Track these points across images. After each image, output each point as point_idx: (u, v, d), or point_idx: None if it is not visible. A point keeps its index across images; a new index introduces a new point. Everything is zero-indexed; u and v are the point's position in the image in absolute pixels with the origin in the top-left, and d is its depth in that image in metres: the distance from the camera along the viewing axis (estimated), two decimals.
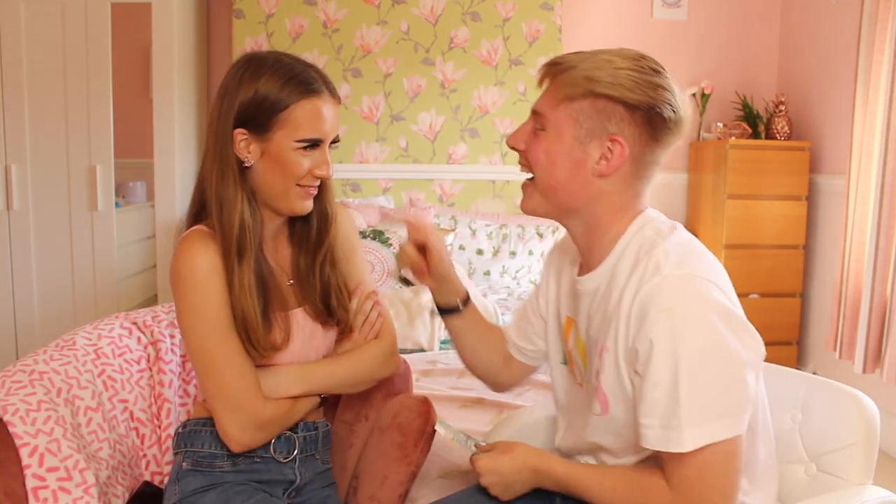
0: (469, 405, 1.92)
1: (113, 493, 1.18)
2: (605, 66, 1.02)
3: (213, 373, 1.15)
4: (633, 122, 1.03)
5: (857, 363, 2.94)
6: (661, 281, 0.99)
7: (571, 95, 1.04)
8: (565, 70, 1.05)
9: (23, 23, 3.23)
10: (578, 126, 1.04)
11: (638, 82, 1.02)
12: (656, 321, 0.96)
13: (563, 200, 1.09)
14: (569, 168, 1.06)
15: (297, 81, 1.13)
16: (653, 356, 0.97)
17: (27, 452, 1.08)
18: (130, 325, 1.40)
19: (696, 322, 0.96)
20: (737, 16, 3.95)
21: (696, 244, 1.07)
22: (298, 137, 1.13)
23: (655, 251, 1.02)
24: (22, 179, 3.31)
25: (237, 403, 1.15)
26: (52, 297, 3.39)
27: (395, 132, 3.79)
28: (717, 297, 0.99)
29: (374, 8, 3.72)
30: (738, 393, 0.98)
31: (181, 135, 3.49)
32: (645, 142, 1.05)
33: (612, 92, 1.02)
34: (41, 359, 1.22)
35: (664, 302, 0.97)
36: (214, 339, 1.14)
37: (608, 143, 1.04)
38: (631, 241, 1.07)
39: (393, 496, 1.30)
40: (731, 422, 0.96)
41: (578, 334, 1.18)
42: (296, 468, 1.26)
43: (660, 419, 0.97)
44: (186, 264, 1.14)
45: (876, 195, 2.88)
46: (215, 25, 3.87)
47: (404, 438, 1.33)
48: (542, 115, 1.08)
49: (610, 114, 1.03)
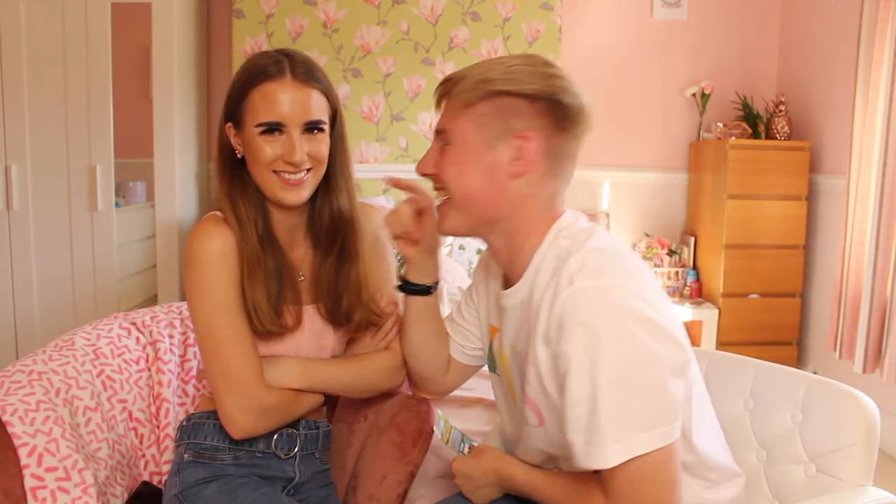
0: (469, 405, 1.92)
1: (112, 492, 1.18)
2: (496, 67, 1.03)
3: (218, 354, 1.15)
4: (537, 115, 1.01)
5: (857, 363, 2.94)
6: (574, 293, 0.96)
7: (469, 101, 1.03)
8: (458, 81, 1.04)
9: (23, 23, 3.23)
10: (483, 130, 1.03)
11: (532, 73, 1.01)
12: (572, 336, 0.94)
13: (482, 211, 1.07)
14: (482, 175, 1.04)
15: (254, 70, 1.17)
16: (571, 372, 0.94)
17: (26, 452, 1.08)
18: (129, 326, 1.40)
19: (612, 333, 0.93)
20: (737, 16, 3.95)
21: (613, 249, 1.03)
22: (256, 122, 1.15)
23: (569, 262, 0.99)
24: (22, 179, 3.31)
25: (241, 386, 1.15)
26: (52, 297, 3.39)
27: (395, 132, 3.79)
28: (633, 305, 0.95)
29: (374, 8, 3.72)
30: (664, 402, 0.94)
31: (181, 135, 3.49)
32: (552, 132, 1.03)
33: (508, 87, 1.01)
34: (40, 359, 1.22)
35: (579, 315, 0.94)
36: (220, 320, 1.15)
37: (517, 142, 1.02)
38: (547, 252, 1.05)
39: (392, 496, 1.30)
40: (658, 432, 0.92)
41: (502, 346, 1.16)
42: (296, 465, 1.27)
43: (583, 435, 0.94)
44: (197, 246, 1.16)
45: (876, 195, 2.88)
46: (215, 25, 3.87)
47: (403, 438, 1.33)
48: (445, 130, 1.06)
49: (511, 109, 1.01)
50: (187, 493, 1.19)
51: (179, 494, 1.19)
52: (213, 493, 1.18)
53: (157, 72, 3.39)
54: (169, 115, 3.40)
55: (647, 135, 4.00)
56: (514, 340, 1.12)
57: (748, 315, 3.57)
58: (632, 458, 0.91)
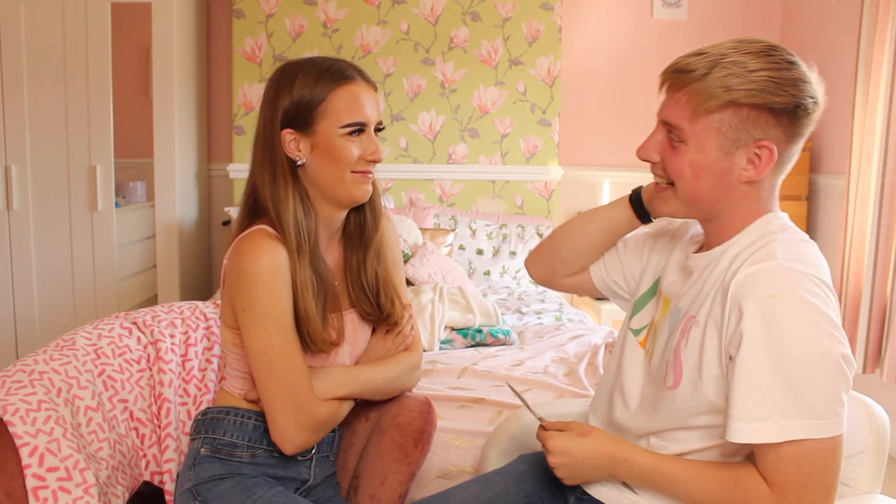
0: (469, 405, 1.92)
1: (113, 492, 1.18)
2: (739, 72, 0.99)
3: (273, 372, 1.15)
4: (779, 124, 1.01)
5: (858, 363, 2.94)
6: (773, 266, 0.97)
7: (710, 108, 1.01)
8: (698, 79, 1.01)
9: (23, 23, 3.23)
10: (723, 137, 1.02)
11: (779, 83, 0.99)
12: (760, 306, 0.94)
13: (705, 208, 1.08)
14: (714, 179, 1.05)
15: (329, 73, 1.18)
16: (750, 341, 0.94)
17: (27, 452, 1.08)
18: (130, 325, 1.40)
19: (803, 315, 0.93)
20: (737, 16, 3.95)
21: (819, 254, 1.04)
22: (341, 124, 1.17)
23: (774, 241, 1.01)
24: (22, 179, 3.31)
25: (296, 403, 1.16)
26: (52, 297, 3.39)
27: (395, 132, 3.79)
28: (826, 304, 0.95)
29: (374, 8, 3.72)
30: (839, 391, 0.93)
31: (181, 135, 3.49)
32: (789, 137, 1.03)
33: (755, 100, 0.99)
34: (41, 359, 1.22)
35: (773, 287, 0.95)
36: (280, 339, 1.15)
37: (755, 150, 1.02)
38: (754, 228, 1.06)
39: (393, 496, 1.30)
40: (834, 420, 0.92)
41: (664, 303, 1.17)
42: (311, 468, 1.28)
43: (755, 409, 0.93)
44: (253, 264, 1.14)
45: (876, 195, 2.88)
46: (215, 25, 3.87)
47: (404, 438, 1.33)
48: (680, 128, 1.04)
49: (755, 121, 1.00)
50: (201, 488, 1.19)
51: (193, 489, 1.19)
52: (227, 489, 1.18)
53: (157, 72, 3.39)
54: (169, 115, 3.41)
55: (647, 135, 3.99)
56: (682, 299, 1.11)
57: None
58: (806, 438, 0.92)
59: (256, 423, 1.23)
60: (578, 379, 2.13)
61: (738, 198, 1.06)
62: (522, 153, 3.85)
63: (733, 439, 0.96)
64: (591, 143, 4.02)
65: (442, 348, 2.44)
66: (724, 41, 1.04)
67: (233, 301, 1.18)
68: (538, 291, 3.34)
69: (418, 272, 3.01)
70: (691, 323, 1.05)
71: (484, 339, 2.48)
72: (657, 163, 1.10)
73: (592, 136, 4.01)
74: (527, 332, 2.66)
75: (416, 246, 3.24)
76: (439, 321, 2.46)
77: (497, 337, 2.49)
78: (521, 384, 2.06)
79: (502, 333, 2.50)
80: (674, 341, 1.09)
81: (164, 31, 3.35)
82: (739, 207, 1.07)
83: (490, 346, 2.46)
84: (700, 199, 1.07)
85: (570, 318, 2.86)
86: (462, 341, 2.47)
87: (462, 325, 2.51)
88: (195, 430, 1.27)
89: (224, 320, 1.24)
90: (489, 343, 2.48)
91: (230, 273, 1.18)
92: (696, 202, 1.08)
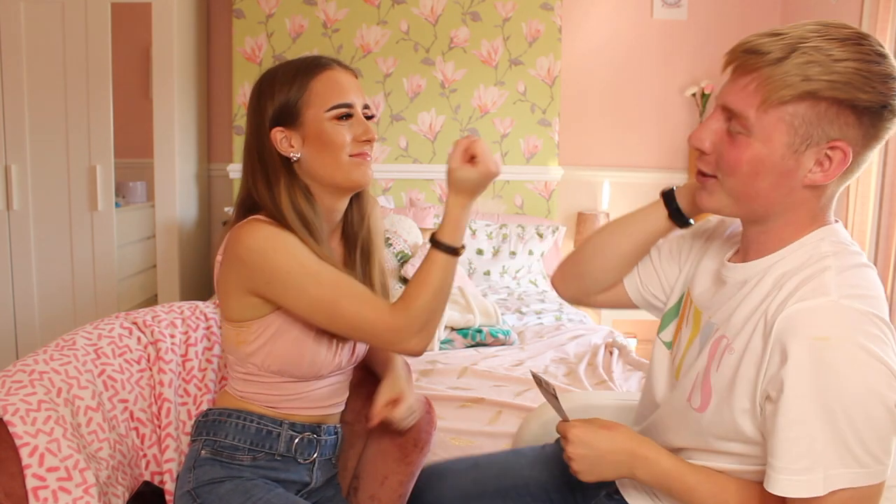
0: (468, 405, 1.92)
1: (113, 492, 1.18)
2: (821, 60, 0.86)
3: (335, 312, 1.12)
4: (859, 125, 0.88)
5: None
6: (826, 303, 0.86)
7: (783, 98, 0.88)
8: (772, 63, 0.88)
9: (23, 23, 3.23)
10: (793, 133, 0.89)
11: (867, 77, 0.86)
12: (809, 350, 0.84)
13: (758, 208, 0.96)
14: (775, 179, 0.92)
15: (304, 67, 1.19)
16: (793, 386, 0.85)
17: (27, 452, 1.07)
18: (130, 325, 1.40)
19: (856, 359, 0.83)
20: (737, 16, 3.95)
21: (877, 281, 0.93)
22: (327, 107, 1.17)
23: (829, 270, 0.90)
24: (22, 179, 3.31)
25: (372, 325, 1.12)
26: (52, 297, 3.39)
27: (395, 132, 3.79)
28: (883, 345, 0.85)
29: (374, 8, 3.72)
30: (889, 442, 0.86)
31: (181, 135, 3.49)
32: (867, 142, 0.90)
33: (838, 94, 0.86)
34: (41, 359, 1.22)
35: (825, 329, 0.85)
36: (315, 283, 1.11)
37: (827, 151, 0.90)
38: (804, 246, 0.95)
39: (393, 496, 1.30)
40: (876, 469, 0.85)
41: (694, 316, 1.08)
42: (313, 470, 1.27)
43: (799, 461, 0.85)
44: (258, 237, 1.12)
45: (876, 195, 2.88)
46: (215, 25, 3.87)
47: (404, 438, 1.33)
48: (745, 117, 0.91)
49: (833, 118, 0.88)
50: (200, 491, 1.19)
51: (193, 491, 1.19)
52: (226, 491, 1.18)
53: (157, 72, 3.39)
54: (169, 115, 3.41)
55: (647, 135, 4.00)
56: (715, 315, 1.02)
57: None
58: (844, 488, 0.84)
59: (259, 426, 1.23)
60: (578, 379, 2.13)
61: (796, 203, 0.95)
62: (522, 153, 3.85)
63: (775, 491, 0.88)
64: (591, 143, 4.02)
65: (442, 348, 2.44)
66: (804, 22, 0.90)
67: (253, 287, 1.15)
68: (538, 291, 3.34)
69: None
70: (725, 347, 0.96)
71: (484, 339, 2.48)
72: (709, 154, 0.97)
73: (592, 136, 4.01)
74: (527, 332, 2.66)
75: (416, 246, 3.24)
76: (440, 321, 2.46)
77: (497, 337, 2.49)
78: (520, 384, 2.06)
79: (502, 333, 2.50)
80: (703, 360, 1.01)
81: (164, 31, 3.35)
82: (794, 214, 0.96)
83: (490, 346, 2.46)
84: (754, 199, 0.95)
85: (570, 318, 2.86)
86: (462, 341, 2.48)
87: (462, 325, 2.51)
88: (196, 432, 1.27)
89: (228, 316, 1.22)
90: (489, 343, 2.48)
91: (234, 260, 1.15)
92: (749, 201, 0.96)
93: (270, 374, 1.22)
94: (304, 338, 1.19)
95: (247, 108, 1.23)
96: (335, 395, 1.31)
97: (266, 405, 1.24)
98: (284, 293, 1.13)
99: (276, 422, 1.24)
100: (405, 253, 3.19)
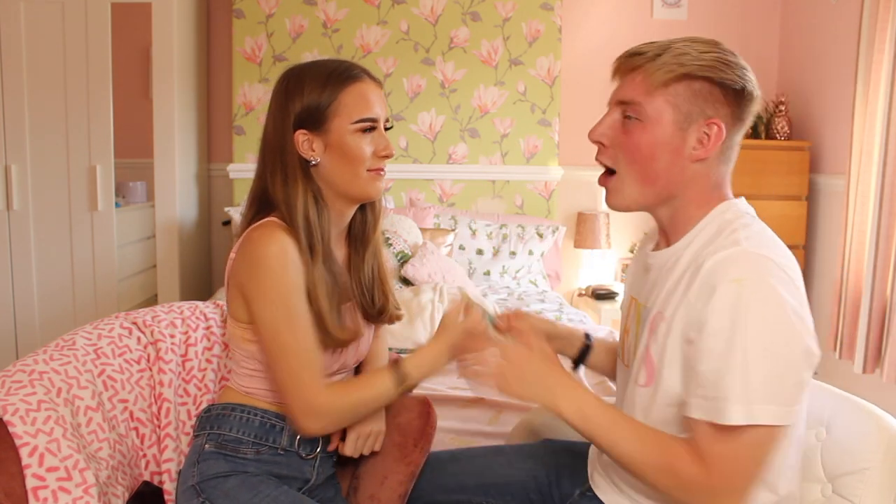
0: (468, 405, 1.92)
1: (113, 492, 1.18)
2: (691, 52, 1.04)
3: (283, 357, 1.16)
4: (727, 103, 1.04)
5: (857, 363, 2.94)
6: (738, 251, 0.97)
7: (666, 81, 1.03)
8: (653, 58, 1.05)
9: (23, 23, 3.23)
10: (678, 111, 1.04)
11: (728, 63, 1.04)
12: (724, 291, 0.94)
13: (661, 190, 1.08)
14: (669, 156, 1.06)
15: (336, 73, 1.20)
16: (712, 325, 0.94)
17: (27, 452, 1.07)
18: (130, 325, 1.40)
19: (764, 300, 0.93)
20: (737, 16, 3.95)
21: (779, 241, 1.05)
22: (353, 120, 1.19)
23: (737, 231, 1.02)
24: (22, 179, 3.31)
25: (297, 388, 1.16)
26: (52, 297, 3.39)
27: (395, 132, 3.78)
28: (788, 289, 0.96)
29: (374, 8, 3.72)
30: (793, 383, 0.95)
31: (181, 135, 3.49)
32: (733, 122, 1.06)
33: (708, 73, 1.03)
34: (41, 359, 1.22)
35: (737, 272, 0.95)
36: (287, 324, 1.15)
37: (705, 128, 1.04)
38: (712, 221, 1.07)
39: (393, 496, 1.30)
40: (780, 410, 0.93)
41: (636, 306, 1.17)
42: (315, 467, 1.28)
43: (711, 389, 0.94)
44: (264, 250, 1.15)
45: (876, 195, 2.88)
46: (215, 25, 3.87)
47: (404, 438, 1.33)
48: (636, 103, 1.06)
49: (707, 95, 1.04)
50: (205, 485, 1.19)
51: (197, 486, 1.19)
52: (233, 486, 1.18)
53: (157, 72, 3.39)
54: (169, 115, 3.41)
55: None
56: (649, 298, 1.11)
57: None
58: (749, 424, 0.92)
59: (262, 420, 1.23)
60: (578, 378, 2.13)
61: (690, 179, 1.07)
62: (522, 153, 3.85)
63: (695, 415, 0.97)
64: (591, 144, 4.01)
65: None
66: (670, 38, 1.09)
67: (244, 290, 1.18)
68: (538, 291, 3.34)
69: (418, 272, 3.01)
70: (659, 319, 1.05)
71: None
72: (607, 147, 1.11)
73: None
74: None
75: (416, 246, 3.24)
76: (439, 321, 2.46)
77: None
78: None
79: None
80: (644, 340, 1.09)
81: (164, 31, 3.35)
82: (693, 190, 1.08)
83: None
84: (655, 181, 1.07)
85: (570, 317, 2.86)
86: None
87: None
88: (199, 427, 1.27)
89: (233, 315, 1.24)
90: None
91: (242, 261, 1.18)
92: (652, 184, 1.07)
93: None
94: None
95: (271, 102, 1.23)
96: None
97: (270, 400, 1.25)
98: (258, 312, 1.16)
99: (280, 416, 1.25)
100: (405, 253, 3.19)
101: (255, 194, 1.25)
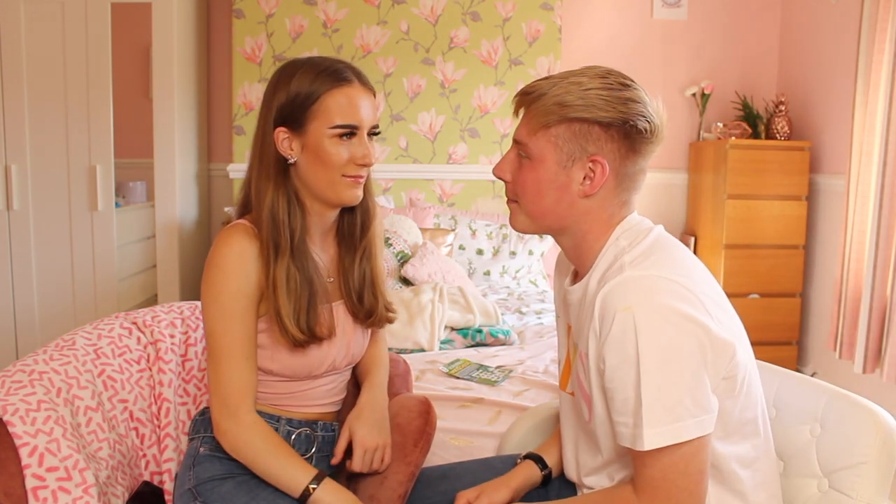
0: (468, 405, 1.92)
1: (112, 492, 1.18)
2: (573, 90, 1.04)
3: (212, 361, 1.18)
4: (611, 139, 1.05)
5: (857, 363, 2.94)
6: (623, 279, 1.01)
7: (547, 122, 1.06)
8: (537, 98, 1.07)
9: (23, 23, 3.24)
10: (559, 151, 1.06)
11: (608, 100, 1.04)
12: (618, 321, 0.98)
13: (551, 223, 1.12)
14: (555, 194, 1.08)
15: (326, 73, 1.18)
16: (615, 356, 0.98)
17: (27, 452, 1.07)
18: (130, 325, 1.40)
19: (650, 321, 0.96)
20: (737, 16, 3.95)
21: (667, 245, 1.08)
22: (331, 125, 1.17)
23: (622, 256, 1.05)
24: (22, 179, 3.31)
25: (222, 396, 1.17)
26: (52, 297, 3.39)
27: (395, 132, 3.79)
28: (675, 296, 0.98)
29: (374, 8, 3.72)
30: (698, 392, 0.97)
31: (181, 135, 3.49)
32: (624, 155, 1.07)
33: (584, 114, 1.04)
34: (41, 359, 1.22)
35: (624, 301, 0.98)
36: (221, 329, 1.16)
37: (589, 164, 1.06)
38: (608, 250, 1.10)
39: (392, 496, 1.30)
40: (692, 423, 0.96)
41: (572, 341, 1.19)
42: None
43: (628, 417, 0.99)
44: (218, 252, 1.18)
45: (876, 195, 2.88)
46: (215, 25, 3.87)
47: (404, 438, 1.33)
48: (524, 143, 1.10)
49: (586, 135, 1.05)
50: (202, 489, 1.18)
51: (194, 489, 1.19)
52: (230, 489, 1.18)
53: (157, 72, 3.39)
54: (169, 115, 3.41)
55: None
56: (576, 335, 1.14)
57: (748, 315, 3.55)
58: (665, 446, 0.96)
59: None
60: None
61: (583, 213, 1.09)
62: None
63: (619, 441, 1.02)
64: None
65: (442, 348, 2.44)
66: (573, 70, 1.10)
67: None
68: (538, 291, 3.34)
69: (418, 272, 3.01)
70: (584, 356, 1.08)
71: (484, 339, 2.48)
72: (510, 182, 1.14)
73: None
74: (527, 332, 2.66)
75: (416, 246, 3.24)
76: (439, 321, 2.46)
77: (497, 337, 2.49)
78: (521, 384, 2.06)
79: (502, 333, 2.50)
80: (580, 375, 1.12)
81: (164, 31, 3.35)
82: (586, 224, 1.10)
83: (490, 346, 2.46)
84: (545, 216, 1.11)
85: None
86: (462, 341, 2.48)
87: (462, 325, 2.51)
88: (194, 430, 1.27)
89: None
90: (489, 343, 2.48)
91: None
92: (542, 218, 1.12)
93: (264, 372, 1.24)
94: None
95: (263, 93, 1.24)
96: (332, 395, 1.33)
97: (263, 402, 1.25)
98: (203, 310, 1.19)
99: (274, 417, 1.25)
100: (405, 253, 3.19)
101: (243, 187, 1.26)
